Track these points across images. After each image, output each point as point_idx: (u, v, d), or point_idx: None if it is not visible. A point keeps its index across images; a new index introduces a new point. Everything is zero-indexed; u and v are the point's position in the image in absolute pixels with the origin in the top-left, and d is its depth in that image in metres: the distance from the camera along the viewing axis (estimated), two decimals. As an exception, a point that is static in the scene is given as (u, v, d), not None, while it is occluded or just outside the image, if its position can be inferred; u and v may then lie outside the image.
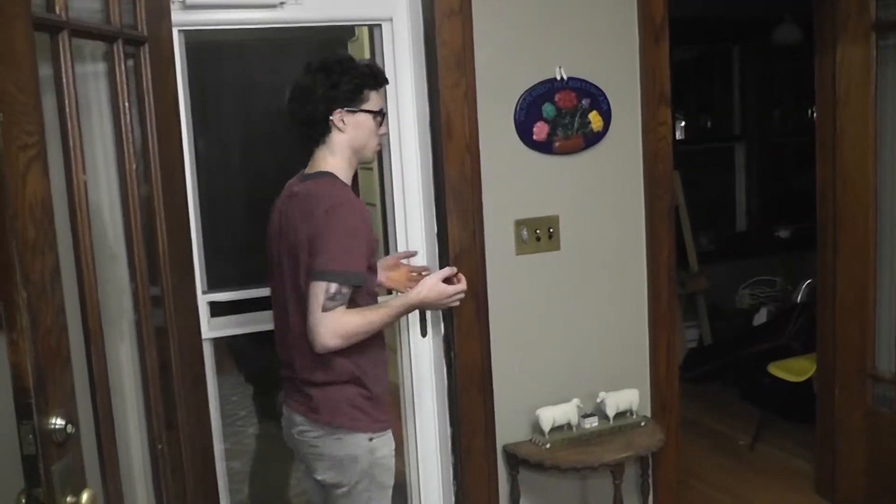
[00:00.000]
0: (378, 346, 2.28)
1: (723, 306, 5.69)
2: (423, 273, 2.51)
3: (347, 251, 2.09)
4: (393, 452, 2.29)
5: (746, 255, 5.93)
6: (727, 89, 6.28)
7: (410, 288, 2.35)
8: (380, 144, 2.33)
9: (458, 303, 2.33)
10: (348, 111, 2.21)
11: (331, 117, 2.21)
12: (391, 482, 2.30)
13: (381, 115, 2.27)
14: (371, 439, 2.21)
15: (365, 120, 2.23)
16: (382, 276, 2.44)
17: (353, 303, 2.15)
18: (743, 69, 6.21)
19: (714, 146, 6.33)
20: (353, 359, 2.19)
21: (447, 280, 2.30)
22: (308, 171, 2.29)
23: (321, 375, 2.20)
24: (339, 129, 2.22)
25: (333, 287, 2.07)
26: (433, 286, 2.26)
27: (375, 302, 2.27)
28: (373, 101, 2.25)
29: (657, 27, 2.99)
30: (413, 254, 2.40)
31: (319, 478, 2.26)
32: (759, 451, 4.26)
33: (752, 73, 6.15)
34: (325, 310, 2.07)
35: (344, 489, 2.23)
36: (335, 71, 2.20)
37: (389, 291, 2.64)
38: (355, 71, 2.22)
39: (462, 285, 2.30)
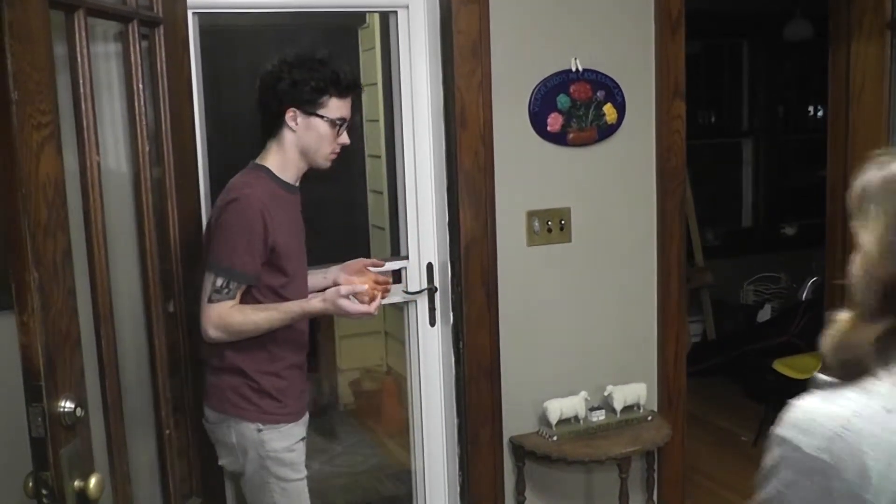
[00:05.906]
0: (274, 344, 2.19)
1: (727, 302, 5.67)
2: (386, 284, 2.27)
3: (234, 248, 2.06)
4: (294, 447, 2.22)
5: (751, 251, 5.91)
6: (736, 84, 6.25)
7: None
8: (334, 153, 2.20)
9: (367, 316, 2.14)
10: (303, 112, 2.14)
11: (285, 114, 2.15)
12: (295, 476, 2.22)
13: (339, 123, 2.17)
14: (260, 430, 2.16)
15: (319, 125, 2.14)
16: (343, 279, 2.29)
17: (252, 299, 2.12)
18: (752, 64, 6.17)
19: (721, 141, 6.30)
20: (240, 352, 2.15)
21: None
22: (255, 161, 2.23)
23: (215, 362, 2.19)
24: (290, 128, 2.16)
25: (220, 281, 2.06)
26: (334, 300, 2.09)
27: (292, 299, 2.17)
28: (333, 107, 2.15)
29: (673, 20, 2.97)
30: (380, 264, 2.27)
31: (221, 463, 2.25)
32: (762, 447, 4.22)
33: (762, 68, 6.11)
34: (210, 301, 2.07)
35: (245, 478, 2.22)
36: (303, 68, 2.13)
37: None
38: (320, 74, 2.13)
39: (365, 307, 2.11)
